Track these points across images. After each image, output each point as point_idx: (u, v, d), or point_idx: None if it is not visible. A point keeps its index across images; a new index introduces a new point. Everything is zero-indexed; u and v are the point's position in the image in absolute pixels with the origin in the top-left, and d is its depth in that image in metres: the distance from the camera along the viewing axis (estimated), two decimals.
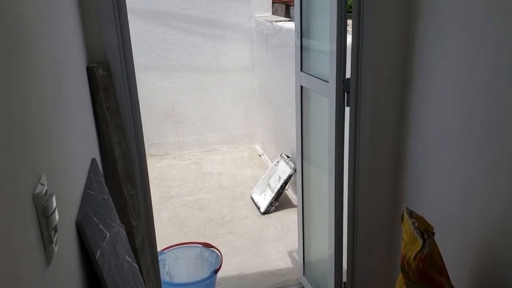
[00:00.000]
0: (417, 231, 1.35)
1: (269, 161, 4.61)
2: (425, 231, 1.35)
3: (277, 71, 4.15)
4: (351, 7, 1.95)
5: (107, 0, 1.66)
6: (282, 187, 3.65)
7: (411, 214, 1.41)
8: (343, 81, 2.01)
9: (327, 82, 2.06)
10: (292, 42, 3.63)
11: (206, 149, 4.94)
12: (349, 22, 1.99)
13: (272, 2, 7.38)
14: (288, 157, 3.86)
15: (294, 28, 3.58)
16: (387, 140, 2.03)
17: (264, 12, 4.66)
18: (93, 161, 1.55)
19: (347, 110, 2.05)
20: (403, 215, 1.44)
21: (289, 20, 4.09)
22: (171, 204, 3.82)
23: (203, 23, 4.54)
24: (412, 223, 1.38)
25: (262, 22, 4.42)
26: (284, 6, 14.04)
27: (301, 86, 2.40)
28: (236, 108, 4.89)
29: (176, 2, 4.41)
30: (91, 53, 1.70)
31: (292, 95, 3.55)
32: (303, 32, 2.46)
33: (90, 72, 1.64)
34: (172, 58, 4.57)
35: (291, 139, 3.85)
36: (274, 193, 3.63)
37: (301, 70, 2.37)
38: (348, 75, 2.01)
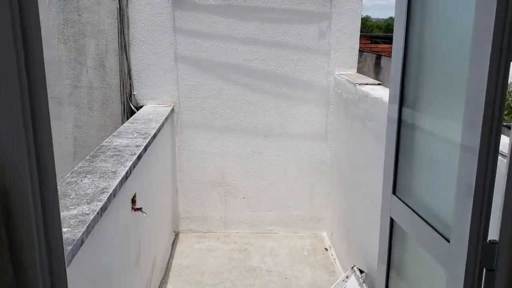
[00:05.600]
0: None
1: (337, 260, 3.52)
2: None
3: (356, 147, 3.14)
4: None
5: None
6: None
7: None
8: (483, 246, 0.98)
9: (448, 241, 1.03)
10: (380, 116, 2.63)
11: (257, 230, 3.98)
12: None
13: (360, 51, 6.30)
14: (361, 272, 2.77)
15: (383, 97, 2.60)
16: None
17: (347, 70, 3.71)
18: None
19: None
20: None
21: (379, 84, 3.10)
22: None
23: (269, 78, 3.69)
24: None
25: (343, 83, 3.47)
26: (374, 56, 12.92)
27: (391, 219, 1.37)
28: (301, 183, 3.91)
29: (238, 52, 3.63)
30: None
31: (373, 185, 2.54)
32: (403, 103, 1.47)
33: None
34: (227, 117, 3.75)
35: (368, 246, 2.77)
36: None
37: (394, 193, 1.34)
38: (494, 235, 0.98)
